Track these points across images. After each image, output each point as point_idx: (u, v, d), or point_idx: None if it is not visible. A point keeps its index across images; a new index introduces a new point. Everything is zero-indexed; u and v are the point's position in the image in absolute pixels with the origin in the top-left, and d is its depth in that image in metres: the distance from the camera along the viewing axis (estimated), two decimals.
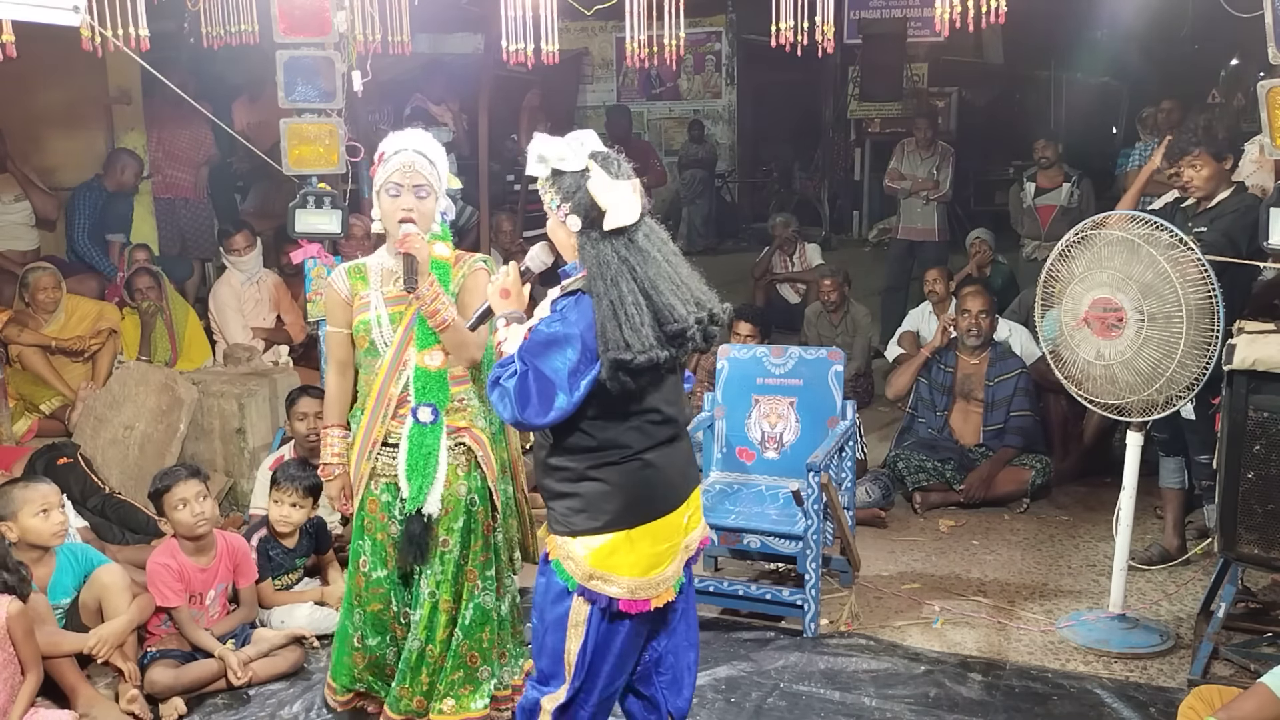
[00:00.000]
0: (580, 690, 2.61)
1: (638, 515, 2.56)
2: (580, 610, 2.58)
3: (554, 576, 2.61)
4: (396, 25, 4.68)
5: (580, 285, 2.51)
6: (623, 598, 2.55)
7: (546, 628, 2.64)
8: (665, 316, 2.46)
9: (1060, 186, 7.23)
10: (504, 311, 2.61)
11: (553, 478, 2.60)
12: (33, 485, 3.66)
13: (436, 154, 3.11)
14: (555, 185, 2.51)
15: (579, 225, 2.48)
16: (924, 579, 4.53)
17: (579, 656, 2.59)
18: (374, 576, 3.16)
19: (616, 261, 2.45)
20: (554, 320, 2.49)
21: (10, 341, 5.48)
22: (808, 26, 3.95)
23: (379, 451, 3.10)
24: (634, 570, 2.56)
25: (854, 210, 12.28)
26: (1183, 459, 4.48)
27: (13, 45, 3.63)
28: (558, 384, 2.42)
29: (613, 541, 2.55)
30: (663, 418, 2.59)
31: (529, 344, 2.48)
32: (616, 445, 2.53)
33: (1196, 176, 4.14)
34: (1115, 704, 3.48)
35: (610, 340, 2.40)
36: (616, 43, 11.51)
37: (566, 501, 2.57)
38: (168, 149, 7.16)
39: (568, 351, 2.43)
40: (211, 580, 3.83)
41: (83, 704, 3.38)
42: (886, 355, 7.10)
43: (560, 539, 2.59)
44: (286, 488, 4.04)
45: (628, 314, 2.41)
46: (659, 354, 2.43)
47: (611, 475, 2.54)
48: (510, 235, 7.83)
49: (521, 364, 2.45)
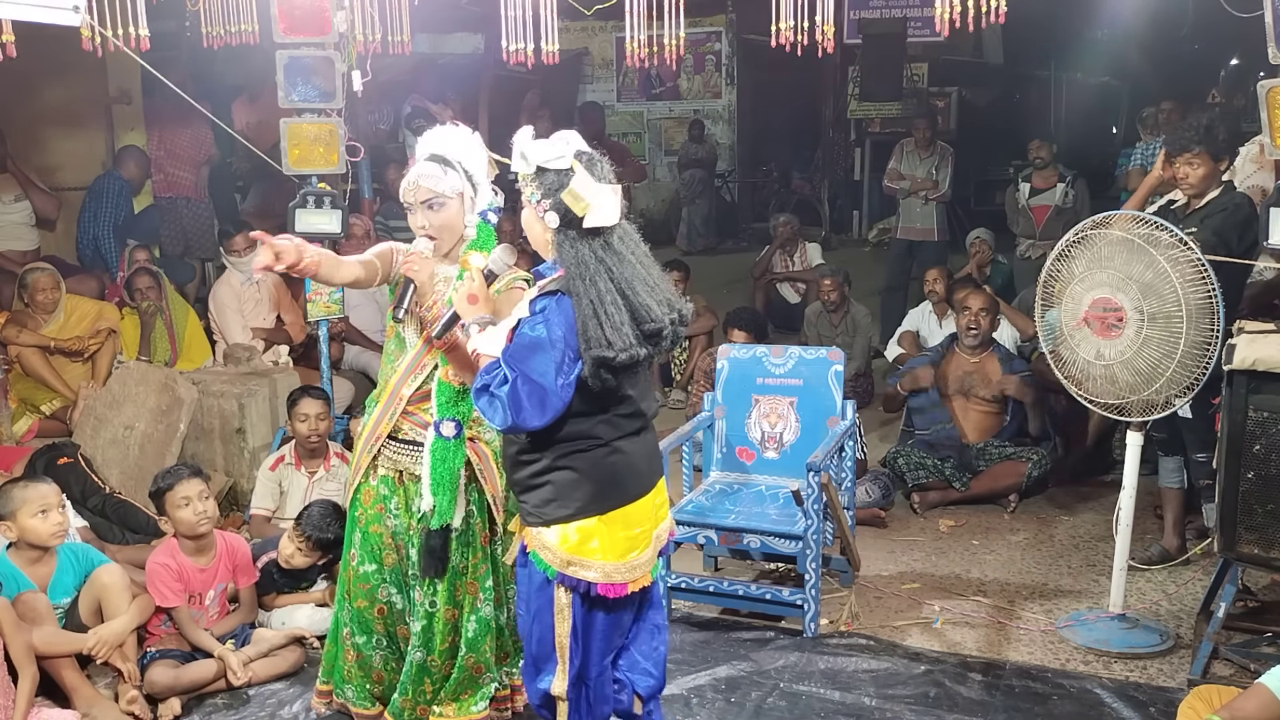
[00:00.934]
0: (582, 665, 2.71)
1: (609, 501, 2.64)
2: (562, 597, 2.65)
3: (533, 567, 2.67)
4: (396, 25, 4.69)
5: (558, 285, 2.55)
6: (600, 582, 2.63)
7: (534, 616, 2.71)
8: (642, 316, 2.52)
9: (1055, 186, 7.25)
10: (474, 318, 2.64)
11: (523, 471, 2.65)
12: (32, 485, 3.66)
13: (460, 151, 3.01)
14: (538, 181, 2.55)
15: (556, 222, 2.52)
16: (924, 579, 4.53)
17: (571, 639, 2.68)
18: (361, 571, 3.14)
19: (594, 261, 2.50)
20: (536, 322, 2.52)
21: (9, 342, 5.48)
22: (808, 26, 3.95)
23: (382, 445, 3.09)
24: (609, 554, 2.63)
25: (854, 210, 12.28)
26: (1182, 458, 4.48)
27: (13, 45, 3.64)
28: (547, 387, 2.46)
29: (586, 528, 2.62)
30: (633, 410, 2.66)
31: (514, 349, 2.51)
32: (586, 436, 2.60)
33: (1192, 174, 4.14)
34: (1115, 704, 3.48)
35: (592, 339, 2.46)
36: (616, 43, 11.51)
37: (538, 492, 2.63)
38: (168, 149, 7.16)
39: (552, 353, 2.47)
40: (211, 580, 3.84)
41: (83, 704, 3.38)
42: (886, 355, 7.11)
43: (535, 530, 2.65)
44: (299, 531, 4.00)
45: (607, 313, 2.47)
46: (639, 352, 2.50)
47: (580, 463, 2.60)
48: (511, 235, 7.82)
49: (510, 370, 2.48)
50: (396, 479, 3.09)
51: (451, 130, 3.06)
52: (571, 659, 2.68)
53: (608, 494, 2.64)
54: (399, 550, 3.12)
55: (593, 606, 2.67)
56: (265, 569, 4.03)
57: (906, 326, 6.90)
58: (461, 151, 3.01)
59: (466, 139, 3.04)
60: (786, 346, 4.62)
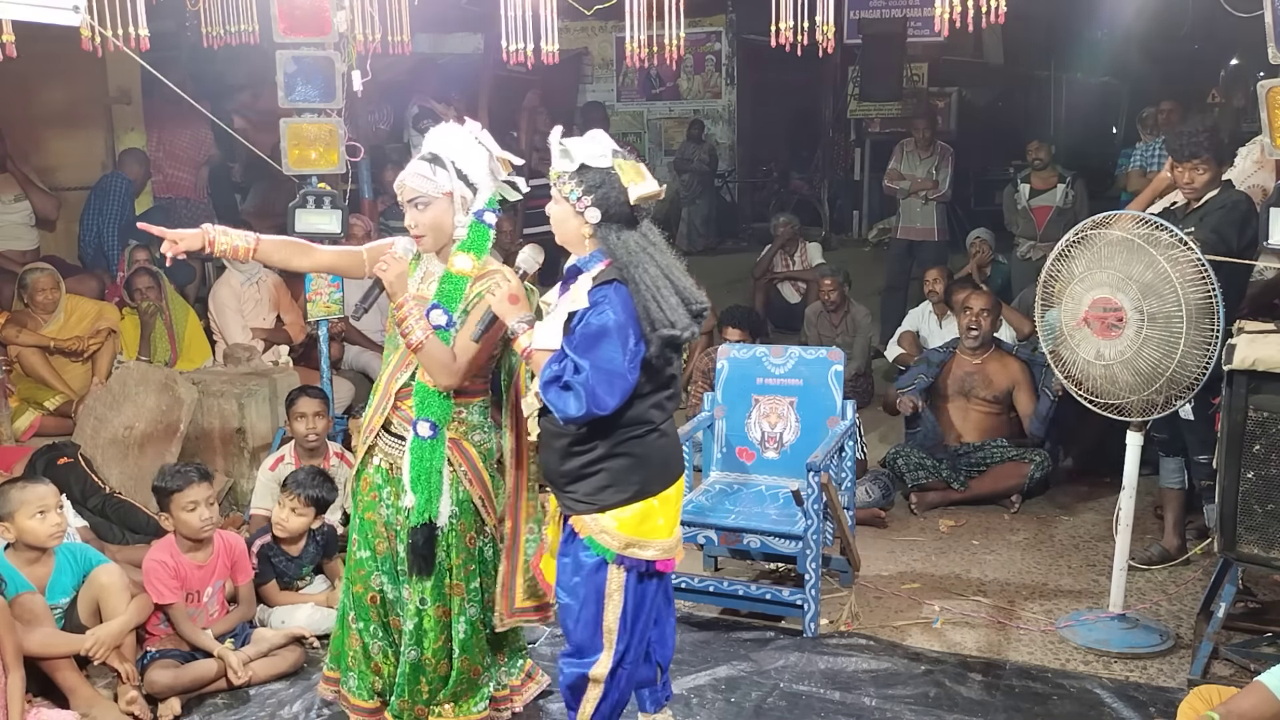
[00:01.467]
0: (625, 651, 2.84)
1: (660, 482, 2.80)
2: (616, 578, 2.79)
3: (585, 553, 2.79)
4: (396, 25, 4.68)
5: (611, 275, 2.67)
6: (658, 559, 2.81)
7: (581, 602, 2.82)
8: (688, 297, 2.70)
9: (1055, 187, 7.24)
10: (517, 318, 2.77)
11: (574, 461, 2.76)
12: (30, 486, 3.65)
13: (455, 151, 2.98)
14: (579, 179, 2.67)
15: (598, 217, 2.66)
16: (924, 579, 4.53)
17: (620, 622, 2.81)
18: (358, 556, 3.16)
19: (639, 250, 2.67)
20: (600, 310, 2.63)
21: (9, 342, 5.48)
22: (808, 26, 3.95)
23: (378, 435, 3.11)
24: (663, 533, 2.81)
25: (854, 210, 12.27)
26: (1183, 459, 4.48)
27: (13, 45, 3.63)
28: (618, 372, 2.60)
29: (643, 509, 2.77)
30: (672, 393, 2.84)
31: (580, 339, 2.62)
32: (641, 421, 2.74)
33: (1197, 179, 4.15)
34: (1115, 704, 3.48)
35: (656, 320, 2.63)
36: (616, 43, 11.51)
37: (591, 480, 2.75)
38: (168, 149, 7.17)
39: (619, 339, 2.61)
40: (209, 577, 3.83)
41: (82, 704, 3.37)
42: (886, 355, 7.11)
43: (588, 517, 2.77)
44: (292, 493, 4.04)
45: (663, 295, 2.64)
46: (695, 329, 2.69)
47: (635, 448, 2.75)
48: (510, 235, 7.83)
49: (579, 359, 2.60)
50: (390, 470, 3.10)
51: (453, 129, 3.03)
52: (618, 642, 2.82)
53: (659, 475, 2.80)
54: (390, 540, 3.13)
55: (643, 581, 2.82)
56: (261, 552, 4.02)
57: (906, 327, 6.90)
58: (456, 150, 2.98)
59: (465, 138, 3.01)
60: (786, 346, 4.61)
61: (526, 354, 2.76)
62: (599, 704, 2.86)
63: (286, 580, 4.08)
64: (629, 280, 2.64)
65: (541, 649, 3.89)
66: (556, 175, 2.71)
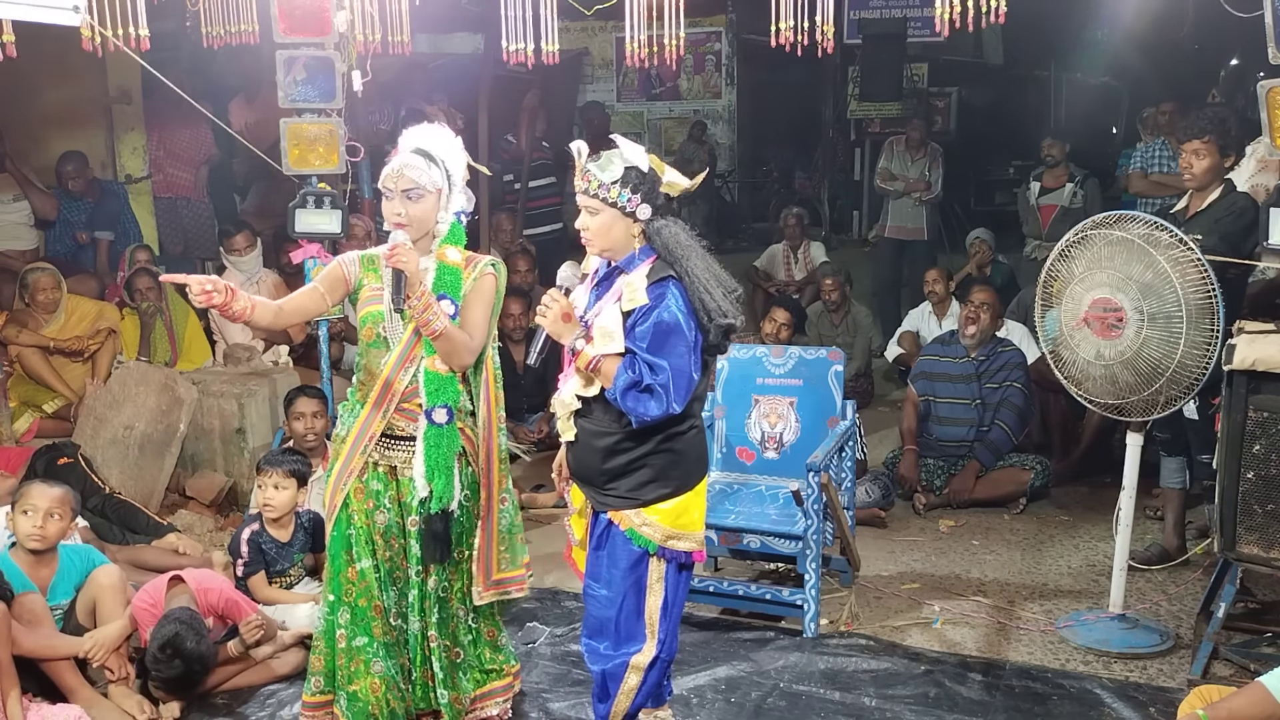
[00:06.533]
0: (665, 640, 2.92)
1: (696, 475, 2.90)
2: (657, 570, 2.88)
3: (626, 545, 2.86)
4: (396, 25, 4.68)
5: (663, 270, 2.74)
6: (695, 550, 2.90)
7: (623, 594, 2.89)
8: (730, 286, 2.77)
9: (1064, 186, 7.22)
10: (573, 334, 2.79)
11: (619, 459, 2.82)
12: (38, 485, 3.66)
13: (444, 150, 3.07)
14: (628, 181, 2.73)
15: (649, 213, 2.74)
16: (924, 579, 4.53)
17: (662, 611, 2.90)
18: (360, 568, 3.12)
19: (686, 241, 2.75)
20: (663, 308, 2.68)
21: (9, 342, 5.48)
22: (808, 26, 3.95)
23: (376, 444, 3.09)
24: (698, 524, 2.92)
25: (854, 210, 12.29)
26: (1184, 459, 4.48)
27: (13, 45, 3.63)
28: (687, 369, 2.69)
29: (683, 501, 2.86)
30: (706, 387, 2.91)
31: (652, 339, 2.68)
32: (689, 416, 2.82)
33: (1197, 164, 4.13)
34: (1115, 704, 3.48)
35: (713, 310, 2.70)
36: (616, 43, 11.50)
37: (635, 476, 2.82)
38: (168, 149, 7.16)
39: (686, 334, 2.69)
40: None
41: (82, 705, 3.37)
42: (886, 355, 7.11)
43: (628, 512, 2.84)
44: (268, 470, 4.02)
45: (711, 285, 2.71)
46: (743, 317, 2.77)
47: (679, 444, 2.83)
48: (510, 235, 7.83)
49: (657, 359, 2.66)
50: (389, 474, 3.10)
51: (437, 129, 3.13)
52: (660, 630, 2.90)
53: (697, 469, 2.91)
54: (391, 546, 3.13)
55: (681, 571, 2.92)
56: (252, 539, 3.98)
57: (906, 327, 6.90)
58: (445, 150, 3.08)
59: (451, 139, 3.12)
60: (786, 346, 4.62)
61: (593, 366, 2.74)
62: (637, 692, 2.92)
63: (278, 570, 4.03)
64: (683, 274, 2.71)
65: (541, 649, 3.89)
66: (596, 185, 2.73)
